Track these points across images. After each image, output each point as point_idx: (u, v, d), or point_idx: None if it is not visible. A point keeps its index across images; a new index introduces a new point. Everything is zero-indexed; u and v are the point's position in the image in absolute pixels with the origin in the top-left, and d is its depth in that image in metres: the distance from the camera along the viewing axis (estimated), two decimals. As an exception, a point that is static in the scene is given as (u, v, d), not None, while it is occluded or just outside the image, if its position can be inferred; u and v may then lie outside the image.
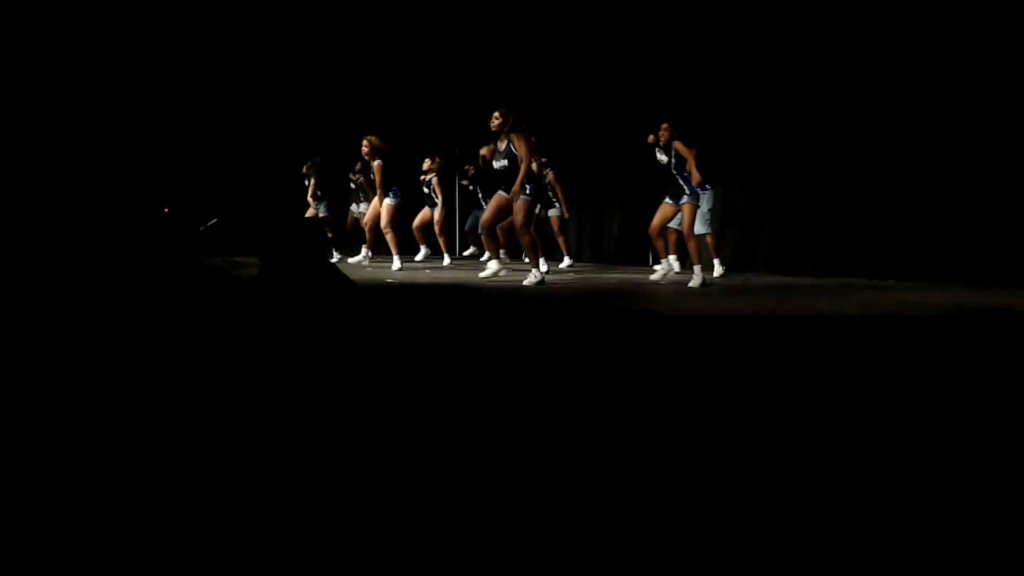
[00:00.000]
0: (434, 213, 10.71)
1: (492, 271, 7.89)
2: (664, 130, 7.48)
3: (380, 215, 9.56)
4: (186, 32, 11.00)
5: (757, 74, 9.17)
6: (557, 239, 10.09)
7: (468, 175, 11.04)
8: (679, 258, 8.59)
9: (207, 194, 13.44)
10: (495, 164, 7.36)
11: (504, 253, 9.47)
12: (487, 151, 7.73)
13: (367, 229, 10.02)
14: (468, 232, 11.59)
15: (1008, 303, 5.72)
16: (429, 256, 10.93)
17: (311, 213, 10.24)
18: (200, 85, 11.81)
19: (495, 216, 7.56)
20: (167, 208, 14.08)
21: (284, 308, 5.21)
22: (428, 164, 10.70)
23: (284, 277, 5.86)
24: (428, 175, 10.72)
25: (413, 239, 10.89)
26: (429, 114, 12.50)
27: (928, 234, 7.75)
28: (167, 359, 3.27)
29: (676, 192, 7.39)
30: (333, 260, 9.46)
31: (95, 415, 2.37)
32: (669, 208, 7.48)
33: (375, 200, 9.72)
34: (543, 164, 8.81)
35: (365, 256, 10.31)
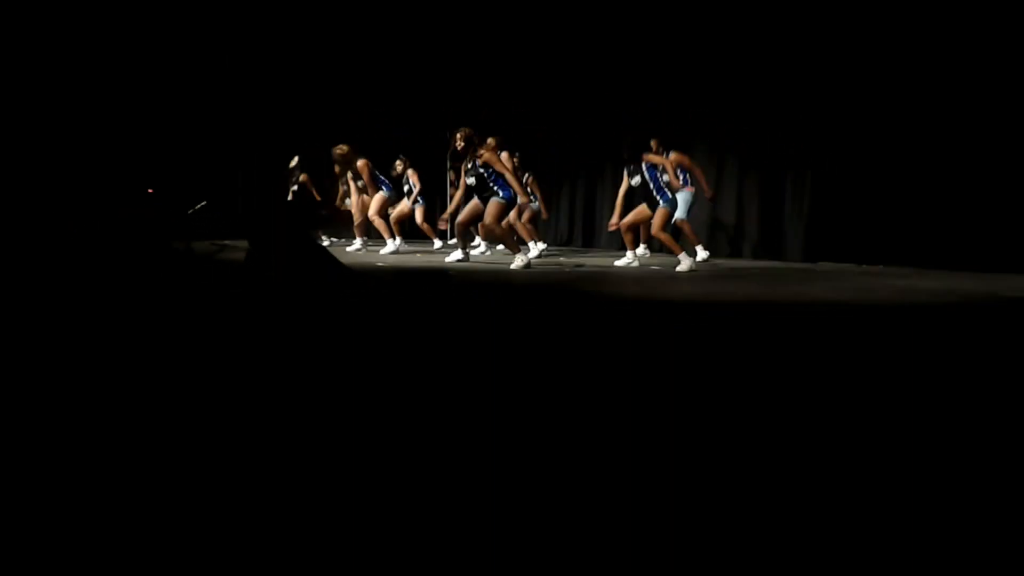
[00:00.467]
0: (415, 209, 10.52)
1: (457, 257, 8.02)
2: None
3: (369, 205, 9.64)
4: (175, 16, 10.90)
5: (749, 63, 9.15)
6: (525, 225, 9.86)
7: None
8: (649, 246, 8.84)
9: (194, 176, 13.32)
10: (467, 179, 7.65)
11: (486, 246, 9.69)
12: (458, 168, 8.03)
13: (356, 220, 10.06)
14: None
15: (996, 288, 5.78)
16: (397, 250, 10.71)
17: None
18: (191, 71, 11.68)
19: (470, 220, 7.85)
20: (151, 189, 13.92)
21: (273, 295, 5.17)
22: (399, 167, 10.51)
23: (273, 261, 5.82)
24: (402, 173, 10.55)
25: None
26: (429, 114, 12.41)
27: (918, 220, 7.81)
28: (159, 352, 3.24)
29: (653, 203, 7.49)
30: (325, 244, 9.43)
31: (87, 411, 2.35)
32: (645, 211, 7.62)
33: (364, 195, 9.78)
34: (518, 166, 8.90)
35: (363, 244, 10.27)
